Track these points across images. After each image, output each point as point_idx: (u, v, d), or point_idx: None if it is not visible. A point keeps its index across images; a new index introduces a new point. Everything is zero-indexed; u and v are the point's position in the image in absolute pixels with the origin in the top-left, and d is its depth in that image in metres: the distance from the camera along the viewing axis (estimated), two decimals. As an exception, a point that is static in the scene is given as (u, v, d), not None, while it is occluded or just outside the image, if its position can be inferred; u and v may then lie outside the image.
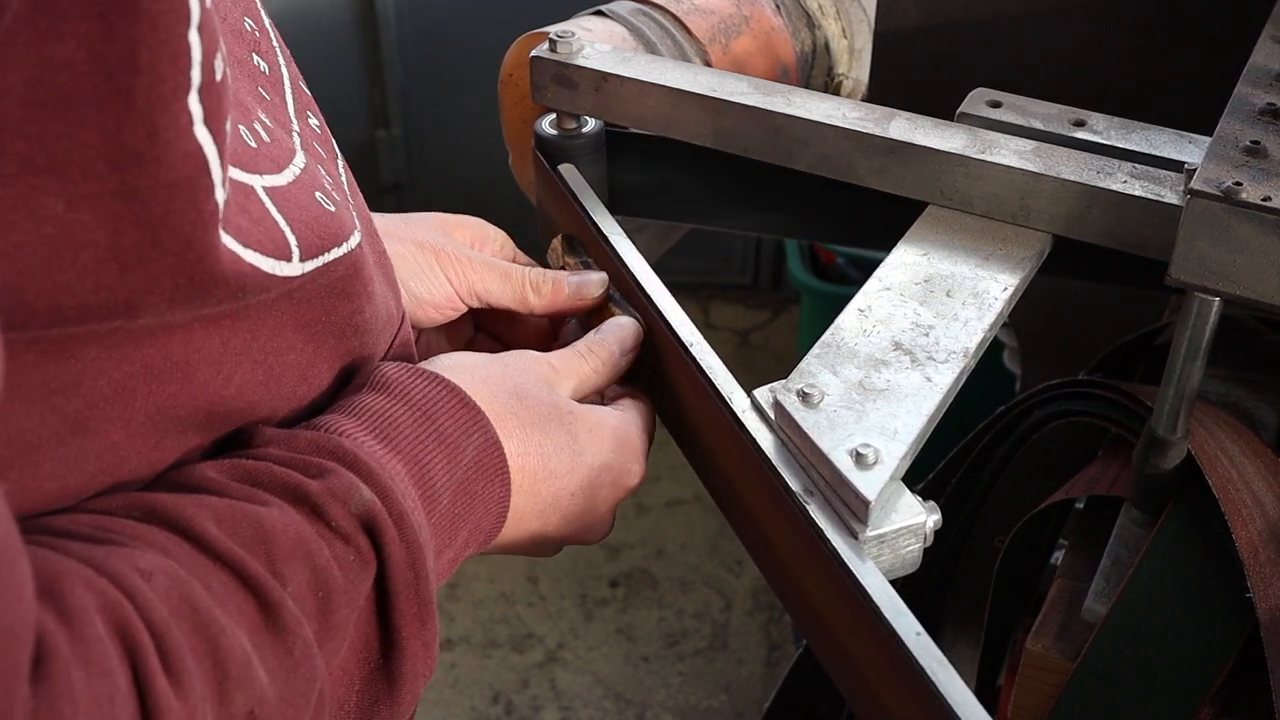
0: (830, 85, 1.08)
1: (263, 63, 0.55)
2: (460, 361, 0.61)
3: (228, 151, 0.42)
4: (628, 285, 0.75)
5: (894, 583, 0.56)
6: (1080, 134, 0.75)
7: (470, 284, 0.73)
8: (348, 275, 0.53)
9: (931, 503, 0.59)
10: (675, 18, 0.96)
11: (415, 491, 0.52)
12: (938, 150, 0.74)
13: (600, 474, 0.64)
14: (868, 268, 0.92)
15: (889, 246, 0.73)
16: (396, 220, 0.74)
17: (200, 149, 0.40)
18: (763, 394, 0.64)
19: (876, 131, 0.75)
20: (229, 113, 0.42)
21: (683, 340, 0.69)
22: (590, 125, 0.85)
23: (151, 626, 0.39)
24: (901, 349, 0.65)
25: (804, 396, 0.61)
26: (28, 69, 0.35)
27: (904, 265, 0.71)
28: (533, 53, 0.84)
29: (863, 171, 0.77)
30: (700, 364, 0.68)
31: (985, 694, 0.96)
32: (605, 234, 0.77)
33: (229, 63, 0.46)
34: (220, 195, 0.42)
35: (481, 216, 0.79)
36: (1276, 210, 0.61)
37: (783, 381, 0.63)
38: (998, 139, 0.75)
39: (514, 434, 0.59)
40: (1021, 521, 0.85)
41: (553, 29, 0.87)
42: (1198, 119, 0.75)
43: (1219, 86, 0.74)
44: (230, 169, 0.44)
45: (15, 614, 0.33)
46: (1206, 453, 0.72)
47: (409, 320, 0.65)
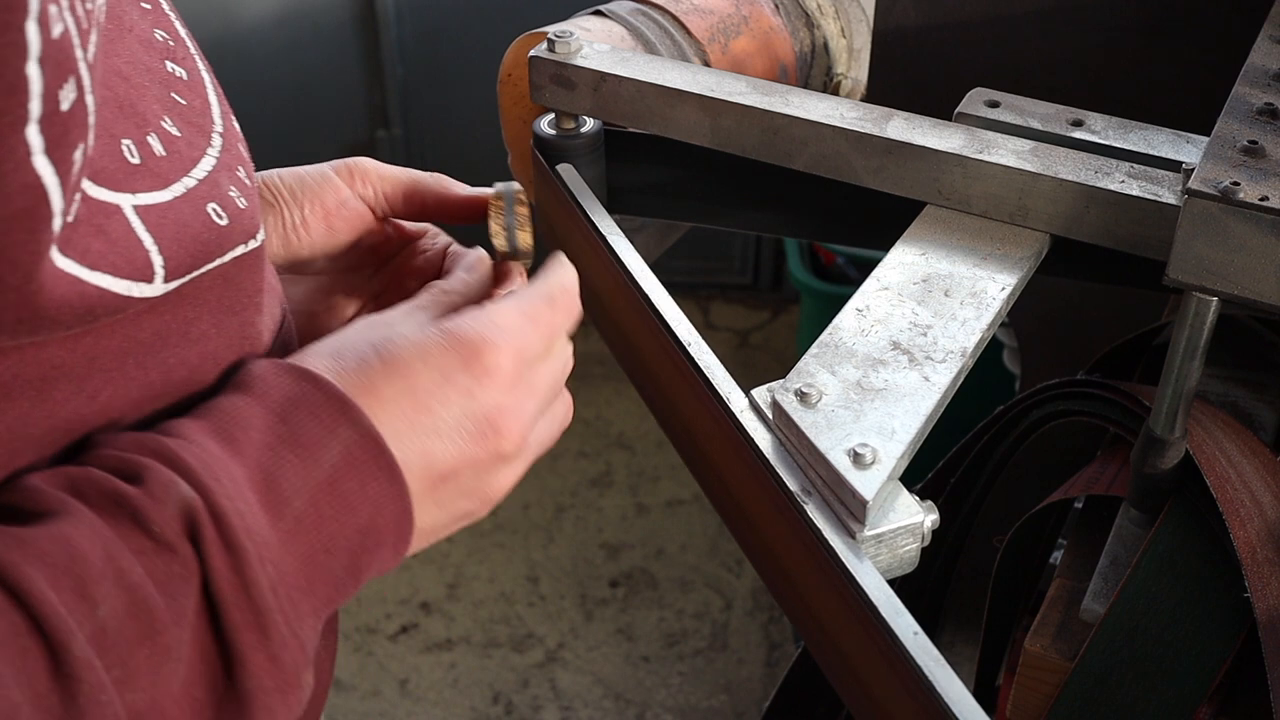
0: (829, 85, 1.08)
1: (179, 69, 0.54)
2: (340, 347, 0.55)
3: (73, 179, 0.41)
4: (626, 285, 0.75)
5: (892, 582, 0.56)
6: (1078, 134, 0.76)
7: (383, 183, 0.69)
8: (242, 276, 0.52)
9: (929, 502, 0.59)
10: (674, 17, 0.96)
11: (253, 494, 0.48)
12: (936, 150, 0.74)
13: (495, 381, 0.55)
14: (867, 268, 0.92)
15: (887, 246, 0.73)
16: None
17: (39, 179, 0.39)
18: (760, 394, 0.64)
19: (875, 131, 0.75)
20: (82, 140, 0.41)
21: (680, 340, 0.69)
22: (589, 125, 0.85)
23: None
24: (900, 349, 0.65)
25: (802, 396, 0.61)
26: None
27: (902, 265, 0.71)
28: (531, 52, 0.84)
29: (861, 171, 0.77)
30: (698, 364, 0.68)
31: (984, 694, 0.96)
32: (603, 234, 0.77)
33: (122, 77, 0.46)
34: (58, 224, 0.41)
35: (481, 216, 0.79)
36: (1274, 210, 0.62)
37: (780, 381, 0.63)
38: (996, 139, 0.75)
39: (390, 404, 0.53)
40: (1020, 521, 0.85)
41: (551, 29, 0.87)
42: (1195, 119, 0.75)
43: (1217, 86, 0.75)
44: (95, 188, 0.44)
45: None
46: (1205, 453, 0.72)
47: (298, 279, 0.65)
